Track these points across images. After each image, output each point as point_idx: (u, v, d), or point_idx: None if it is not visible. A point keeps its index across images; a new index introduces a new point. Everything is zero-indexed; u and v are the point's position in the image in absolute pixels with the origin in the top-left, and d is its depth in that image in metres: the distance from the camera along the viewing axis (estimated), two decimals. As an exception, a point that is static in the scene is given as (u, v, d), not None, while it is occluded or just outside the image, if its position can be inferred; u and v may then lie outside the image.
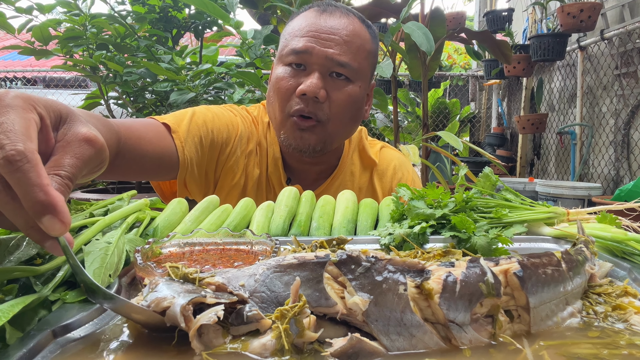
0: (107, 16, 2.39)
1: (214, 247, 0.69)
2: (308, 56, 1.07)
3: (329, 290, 0.45)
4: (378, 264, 0.46)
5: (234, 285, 0.45)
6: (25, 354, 0.39)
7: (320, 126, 1.10)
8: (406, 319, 0.44)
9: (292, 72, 1.09)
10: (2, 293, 0.48)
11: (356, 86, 1.12)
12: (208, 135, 1.14)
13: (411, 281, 0.45)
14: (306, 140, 1.10)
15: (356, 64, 1.10)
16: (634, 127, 3.56)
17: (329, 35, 1.07)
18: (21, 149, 0.41)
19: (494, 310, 0.46)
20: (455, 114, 6.15)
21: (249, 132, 1.24)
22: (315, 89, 1.05)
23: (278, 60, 1.14)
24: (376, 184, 1.28)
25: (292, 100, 1.08)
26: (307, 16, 1.12)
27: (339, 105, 1.10)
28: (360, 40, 1.11)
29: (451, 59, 8.33)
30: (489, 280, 0.46)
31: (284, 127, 1.12)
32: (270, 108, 1.16)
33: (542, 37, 4.02)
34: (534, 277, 0.48)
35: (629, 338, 0.46)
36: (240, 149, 1.21)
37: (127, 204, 0.77)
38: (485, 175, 0.80)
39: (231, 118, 1.22)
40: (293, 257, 0.47)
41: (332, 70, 1.08)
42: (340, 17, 1.11)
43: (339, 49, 1.08)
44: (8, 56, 7.21)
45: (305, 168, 1.25)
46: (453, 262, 0.48)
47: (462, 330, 0.44)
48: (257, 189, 1.22)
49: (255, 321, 0.43)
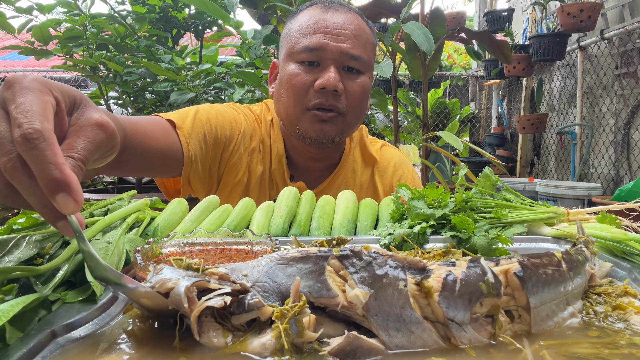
0: (107, 16, 2.39)
1: (214, 247, 0.69)
2: (322, 52, 1.09)
3: (331, 283, 0.45)
4: (379, 259, 0.47)
5: (237, 275, 0.46)
6: (25, 354, 0.39)
7: (340, 118, 1.13)
8: (405, 315, 0.44)
9: (305, 68, 1.11)
10: (2, 293, 0.48)
11: (367, 77, 1.16)
12: (212, 132, 1.15)
13: (411, 278, 0.46)
14: (327, 131, 1.13)
15: (366, 56, 1.14)
16: (634, 127, 3.56)
17: (340, 31, 1.10)
18: (38, 127, 0.42)
19: (494, 310, 0.46)
20: (455, 114, 6.15)
21: (252, 129, 1.24)
22: (335, 82, 1.07)
23: (287, 58, 1.14)
24: (377, 182, 1.30)
25: (309, 95, 1.10)
26: (313, 13, 1.14)
27: (354, 97, 1.13)
28: (366, 34, 1.16)
29: (451, 59, 8.33)
30: (489, 280, 0.46)
31: (300, 121, 1.13)
32: (281, 105, 1.16)
33: (542, 37, 4.02)
34: (535, 277, 0.48)
35: (629, 338, 0.46)
36: (244, 146, 1.22)
37: (127, 204, 0.77)
38: (485, 175, 0.80)
39: (234, 115, 1.23)
40: (297, 251, 0.48)
41: (346, 64, 1.11)
42: (345, 12, 1.15)
43: (351, 43, 1.11)
44: (8, 56, 7.21)
45: (309, 165, 1.26)
46: (454, 262, 0.48)
47: (461, 329, 0.44)
48: (260, 186, 1.23)
49: (257, 309, 0.43)
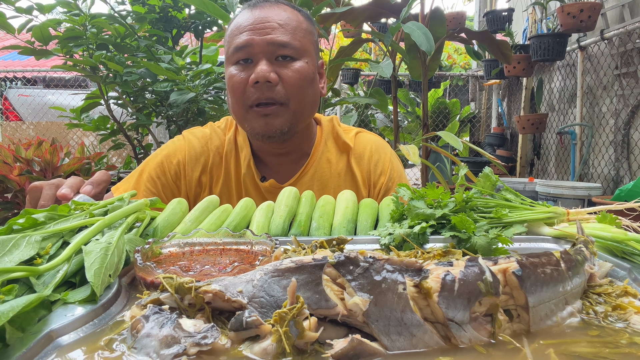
0: (107, 16, 2.39)
1: (214, 247, 0.69)
2: (251, 48, 1.12)
3: (329, 292, 0.45)
4: (376, 263, 0.46)
5: (232, 292, 0.45)
6: (25, 354, 0.39)
7: (283, 108, 1.14)
8: (406, 319, 0.43)
9: (241, 67, 1.14)
10: (2, 293, 0.47)
11: (303, 62, 1.16)
12: (159, 180, 1.23)
13: (410, 280, 0.45)
14: (271, 124, 1.14)
15: (297, 42, 1.15)
16: (634, 127, 3.56)
17: (264, 24, 1.13)
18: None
19: (493, 309, 0.46)
20: (455, 114, 6.15)
21: (198, 152, 1.27)
22: (266, 74, 1.09)
23: (227, 63, 1.18)
24: (355, 169, 1.29)
25: (247, 92, 1.12)
26: (241, 16, 1.18)
27: (292, 84, 1.13)
28: (294, 22, 1.17)
29: (451, 59, 8.33)
30: (487, 278, 0.46)
31: (247, 120, 1.16)
32: (232, 109, 1.20)
33: (542, 37, 4.02)
34: (533, 277, 0.48)
35: (629, 337, 0.46)
36: (197, 171, 1.26)
37: (127, 204, 0.77)
38: (485, 175, 0.80)
39: (166, 154, 1.27)
40: (290, 261, 0.47)
41: (277, 54, 1.13)
42: (270, 7, 1.17)
43: (277, 32, 1.13)
44: (8, 56, 7.21)
45: (279, 161, 1.27)
46: (452, 262, 0.48)
47: (461, 329, 0.44)
48: (228, 194, 1.26)
49: (255, 327, 0.42)
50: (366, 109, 4.71)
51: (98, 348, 0.43)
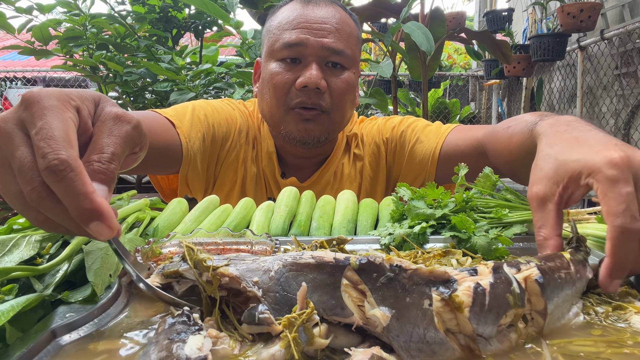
0: (107, 16, 2.39)
1: (214, 247, 0.69)
2: (303, 48, 1.05)
3: (346, 299, 0.42)
4: (402, 274, 0.42)
5: (248, 282, 0.43)
6: (25, 354, 0.39)
7: (324, 116, 1.09)
8: (429, 336, 0.41)
9: (286, 66, 1.07)
10: (2, 293, 0.47)
11: (351, 73, 1.11)
12: (210, 131, 1.13)
13: (437, 295, 0.42)
14: (311, 131, 1.09)
15: (350, 50, 1.09)
16: (634, 127, 3.56)
17: (320, 25, 1.06)
18: (64, 157, 0.40)
19: (515, 319, 0.45)
20: (455, 114, 6.15)
21: (247, 125, 1.22)
22: (317, 80, 1.03)
23: (268, 57, 1.11)
24: (369, 158, 1.25)
25: (291, 94, 1.07)
26: (293, 8, 1.10)
27: (339, 95, 1.09)
28: (349, 28, 1.11)
29: (451, 59, 8.33)
30: (515, 290, 0.44)
31: (285, 122, 1.10)
32: (265, 105, 1.13)
33: (542, 37, 4.02)
34: (552, 283, 0.47)
35: (631, 336, 0.45)
36: (240, 143, 1.20)
37: (127, 204, 0.77)
38: (485, 175, 0.80)
39: (230, 112, 1.21)
40: (310, 256, 0.44)
41: (329, 59, 1.07)
42: (326, 5, 1.10)
43: (333, 37, 1.06)
44: (8, 56, 7.21)
45: (300, 162, 1.23)
46: (475, 269, 0.45)
47: (488, 343, 0.42)
48: (255, 184, 1.22)
49: (267, 325, 0.41)
50: (366, 109, 4.71)
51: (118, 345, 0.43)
